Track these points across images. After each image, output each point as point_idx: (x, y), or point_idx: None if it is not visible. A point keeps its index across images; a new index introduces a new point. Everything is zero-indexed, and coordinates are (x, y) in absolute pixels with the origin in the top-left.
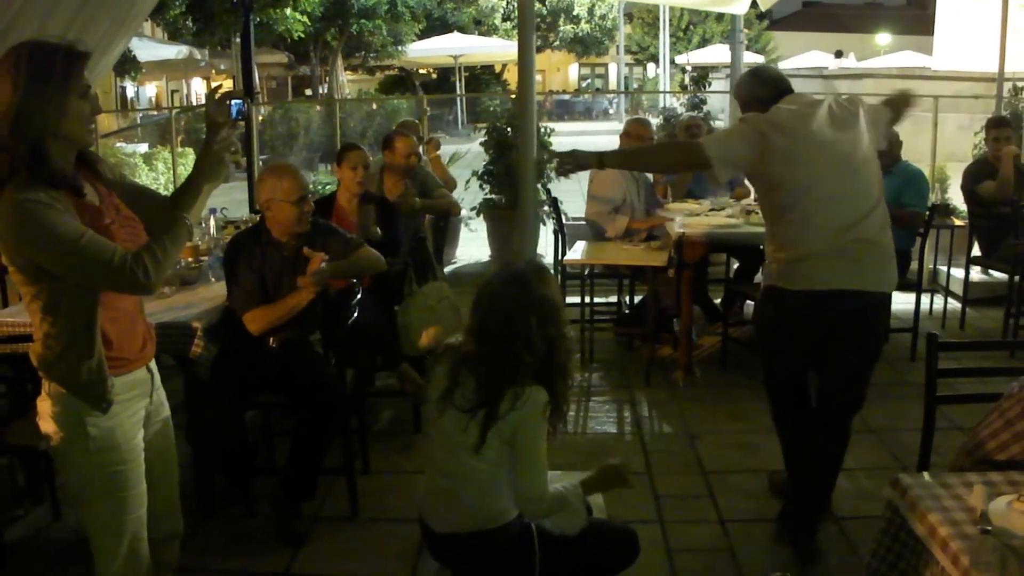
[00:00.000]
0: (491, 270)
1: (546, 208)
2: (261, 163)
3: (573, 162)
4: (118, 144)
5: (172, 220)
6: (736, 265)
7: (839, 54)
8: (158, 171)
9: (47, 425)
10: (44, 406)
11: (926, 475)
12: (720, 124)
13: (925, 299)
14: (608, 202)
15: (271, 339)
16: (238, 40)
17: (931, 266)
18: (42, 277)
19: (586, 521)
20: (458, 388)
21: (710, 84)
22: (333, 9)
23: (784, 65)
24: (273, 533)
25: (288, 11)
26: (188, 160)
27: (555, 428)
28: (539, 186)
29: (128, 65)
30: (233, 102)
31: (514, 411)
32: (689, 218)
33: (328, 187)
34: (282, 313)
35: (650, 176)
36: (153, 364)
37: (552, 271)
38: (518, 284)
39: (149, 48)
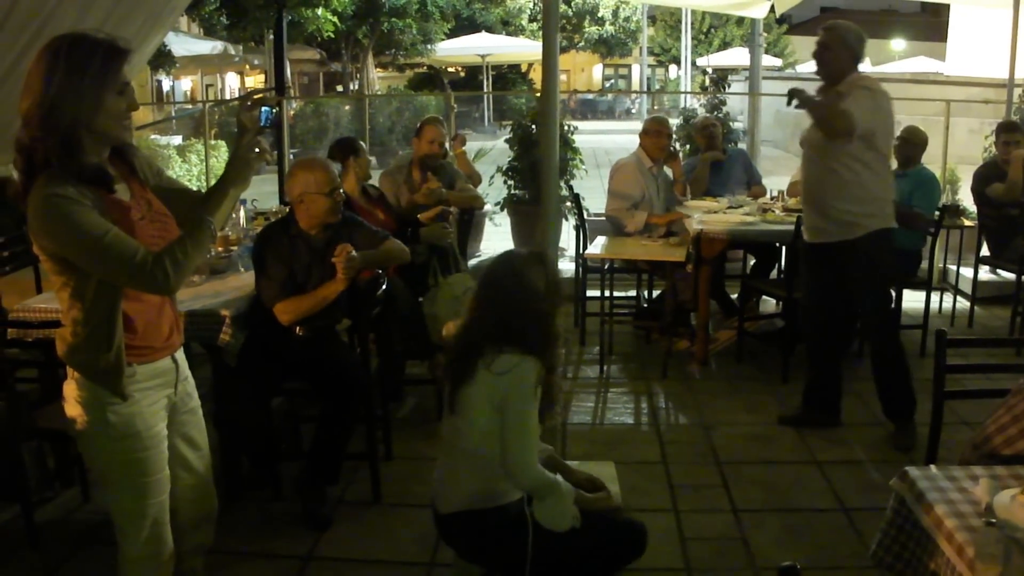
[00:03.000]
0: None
1: (568, 204)
2: (292, 156)
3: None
4: (153, 136)
5: (196, 223)
6: (752, 262)
7: None
8: (191, 163)
9: (71, 409)
10: (69, 390)
11: (933, 468)
12: (739, 125)
13: (935, 297)
14: (627, 198)
15: (298, 328)
16: (271, 37)
17: (941, 265)
18: (69, 268)
19: (577, 522)
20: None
21: (729, 86)
22: (364, 7)
23: (802, 68)
24: (297, 516)
25: (320, 11)
26: (221, 152)
27: (547, 405)
28: (561, 183)
29: (163, 59)
30: (263, 109)
31: (493, 375)
32: (707, 215)
33: None
34: (313, 304)
35: (670, 174)
36: (180, 355)
37: (574, 264)
38: (507, 269)
39: (184, 43)
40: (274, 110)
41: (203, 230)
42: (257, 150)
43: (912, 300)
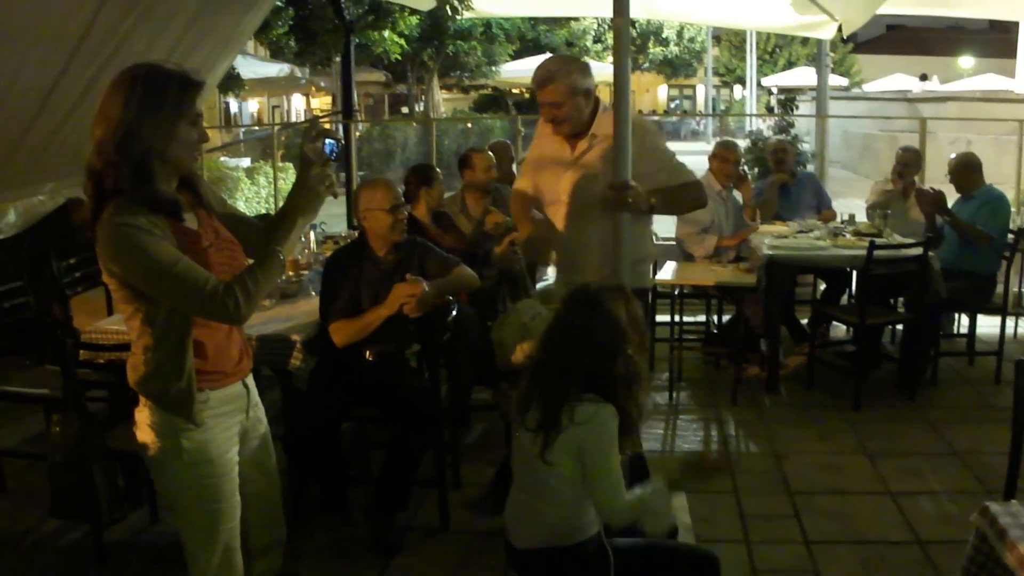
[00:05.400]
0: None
1: None
2: (359, 179)
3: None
4: (222, 158)
5: (266, 253)
6: (823, 287)
7: (924, 77)
8: (259, 185)
9: (144, 435)
10: (141, 416)
11: (1015, 503)
12: (806, 147)
13: (1010, 322)
14: (697, 223)
15: (367, 352)
16: (338, 59)
17: (1016, 289)
18: (139, 296)
19: (673, 522)
20: (531, 409)
21: (797, 107)
22: (430, 30)
23: (868, 88)
24: (366, 543)
25: (387, 33)
26: (288, 174)
27: (623, 443)
28: None
29: (232, 82)
30: (327, 141)
31: (574, 424)
32: (777, 240)
33: None
34: (360, 327)
35: (739, 198)
36: (250, 380)
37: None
38: (583, 302)
39: (252, 66)
40: (340, 143)
41: (273, 260)
42: (328, 183)
43: (986, 325)
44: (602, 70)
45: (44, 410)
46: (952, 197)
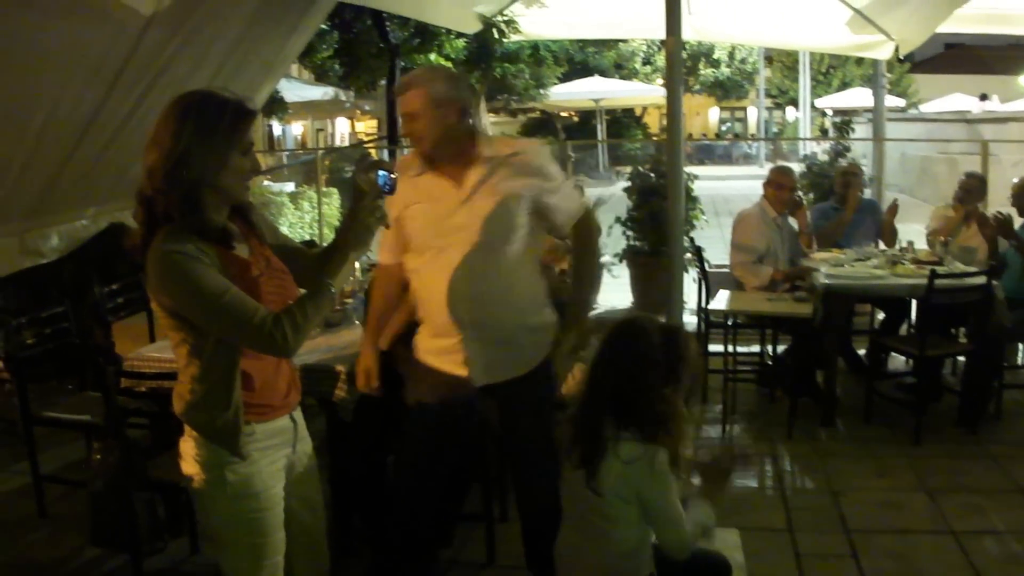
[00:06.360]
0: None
1: (688, 255)
2: None
3: None
4: (266, 183)
5: (316, 286)
6: (881, 316)
7: (984, 97)
8: (303, 210)
9: (188, 467)
10: (186, 447)
11: None
12: (864, 169)
13: None
14: (752, 251)
15: None
16: (383, 83)
17: None
18: (187, 325)
19: (713, 521)
20: (575, 444)
21: (853, 131)
22: (477, 53)
23: (926, 108)
24: None
25: (433, 56)
26: (332, 199)
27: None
28: None
29: (276, 105)
30: (380, 173)
31: (622, 464)
32: (834, 268)
33: None
34: None
35: (795, 224)
36: (298, 414)
37: (696, 318)
38: (629, 333)
39: (296, 89)
40: (393, 175)
41: (323, 293)
42: (379, 215)
43: None
44: (652, 92)
45: (85, 436)
46: (1016, 222)
